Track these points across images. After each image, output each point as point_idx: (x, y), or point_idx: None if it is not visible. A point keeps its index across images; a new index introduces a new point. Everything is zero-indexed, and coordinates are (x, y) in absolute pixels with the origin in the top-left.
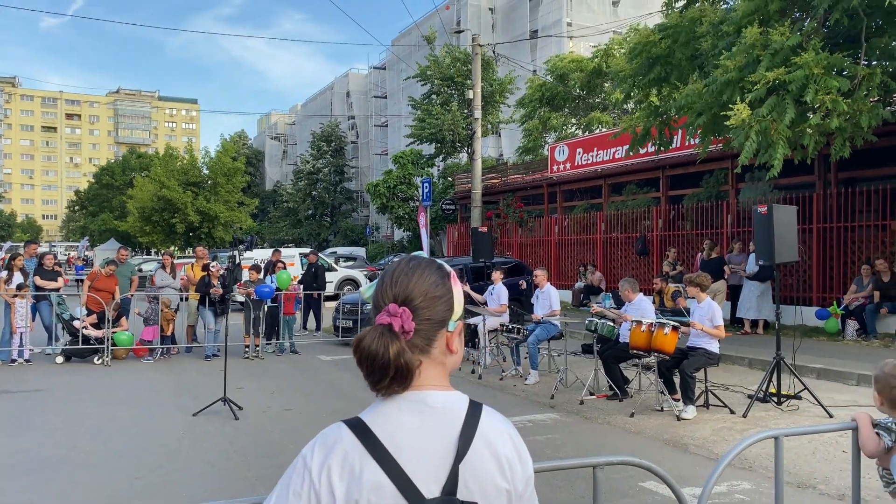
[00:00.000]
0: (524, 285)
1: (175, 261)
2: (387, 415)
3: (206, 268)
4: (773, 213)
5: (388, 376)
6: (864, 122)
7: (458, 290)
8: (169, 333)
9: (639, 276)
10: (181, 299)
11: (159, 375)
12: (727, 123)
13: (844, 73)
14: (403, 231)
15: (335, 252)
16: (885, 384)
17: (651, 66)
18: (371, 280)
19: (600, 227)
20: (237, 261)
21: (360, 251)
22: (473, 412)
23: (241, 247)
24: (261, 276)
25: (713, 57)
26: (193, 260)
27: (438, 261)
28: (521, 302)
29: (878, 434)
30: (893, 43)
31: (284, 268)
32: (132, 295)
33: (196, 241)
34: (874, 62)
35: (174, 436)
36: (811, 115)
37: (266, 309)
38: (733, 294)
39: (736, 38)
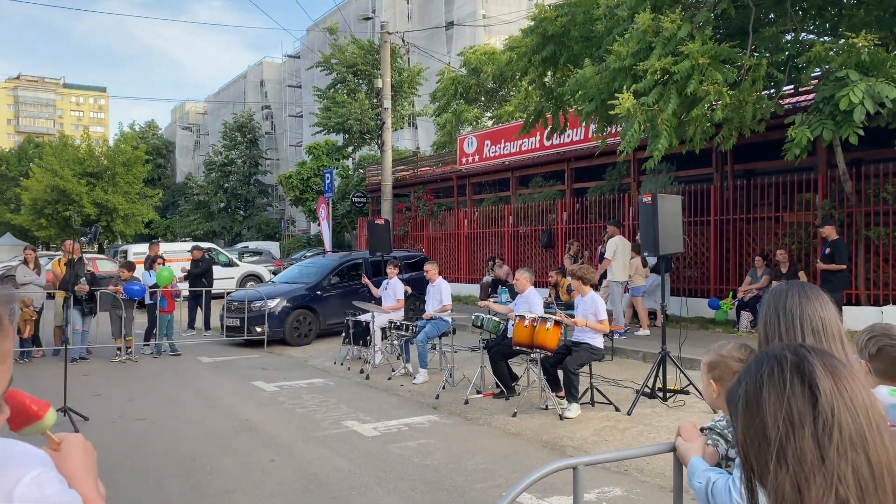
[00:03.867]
0: (409, 291)
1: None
2: None
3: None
4: (658, 204)
5: None
6: (748, 113)
7: None
8: (28, 335)
9: (545, 269)
10: (47, 297)
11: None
12: (611, 112)
13: (735, 63)
14: (319, 225)
15: (246, 246)
16: (724, 369)
17: (544, 44)
18: (275, 275)
19: (508, 220)
20: (78, 255)
21: (274, 246)
22: None
23: (82, 239)
24: (134, 273)
25: (607, 42)
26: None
27: None
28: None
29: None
30: (784, 38)
31: (163, 263)
32: None
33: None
34: (762, 53)
35: None
36: (701, 104)
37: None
38: None
39: (629, 23)
